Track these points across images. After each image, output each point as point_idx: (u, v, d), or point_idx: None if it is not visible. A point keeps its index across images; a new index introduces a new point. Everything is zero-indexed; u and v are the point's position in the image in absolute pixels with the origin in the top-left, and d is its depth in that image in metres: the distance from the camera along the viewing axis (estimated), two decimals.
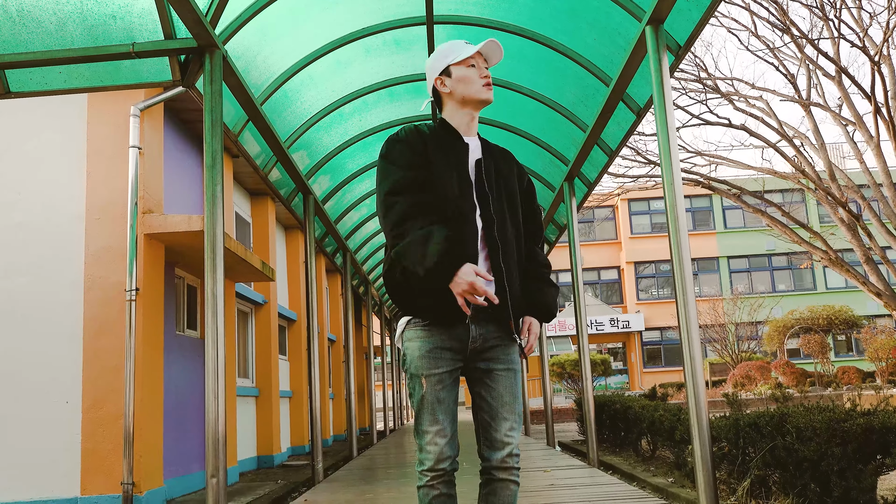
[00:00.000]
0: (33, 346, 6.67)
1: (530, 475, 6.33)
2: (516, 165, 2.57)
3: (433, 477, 2.30)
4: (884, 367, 19.32)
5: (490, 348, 2.37)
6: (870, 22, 14.15)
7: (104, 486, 6.39)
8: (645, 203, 32.72)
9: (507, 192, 2.45)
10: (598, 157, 6.99)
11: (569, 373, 23.24)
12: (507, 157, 2.56)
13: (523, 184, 2.58)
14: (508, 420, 2.33)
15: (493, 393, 2.35)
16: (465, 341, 2.33)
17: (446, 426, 2.31)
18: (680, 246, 4.04)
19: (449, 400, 2.34)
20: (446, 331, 2.32)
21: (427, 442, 2.30)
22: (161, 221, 6.81)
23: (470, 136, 2.49)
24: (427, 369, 2.32)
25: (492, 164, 2.46)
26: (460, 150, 2.42)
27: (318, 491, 6.32)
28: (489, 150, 2.51)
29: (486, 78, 2.47)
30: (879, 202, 14.96)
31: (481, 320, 2.34)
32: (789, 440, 4.31)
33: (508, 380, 2.37)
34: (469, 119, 2.50)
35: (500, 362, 2.37)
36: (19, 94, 4.85)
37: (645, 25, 4.40)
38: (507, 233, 2.38)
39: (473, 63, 2.47)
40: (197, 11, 4.04)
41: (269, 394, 10.66)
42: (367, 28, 5.73)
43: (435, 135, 2.45)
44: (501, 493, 2.33)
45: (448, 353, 2.33)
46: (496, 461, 2.31)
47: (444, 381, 2.33)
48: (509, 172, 2.50)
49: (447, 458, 2.30)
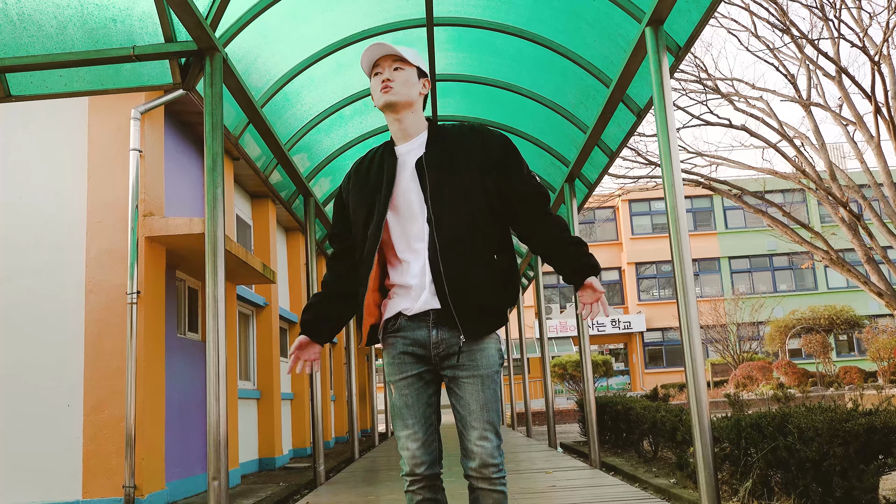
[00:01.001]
0: (35, 350, 6.67)
1: (532, 476, 6.33)
2: (481, 141, 2.38)
3: (412, 482, 2.31)
4: (885, 367, 19.30)
5: (452, 354, 2.30)
6: (869, 22, 14.15)
7: (106, 488, 6.39)
8: (646, 204, 32.71)
9: (454, 183, 2.31)
10: (598, 158, 6.99)
11: (570, 374, 23.23)
12: (467, 137, 2.39)
13: (490, 158, 2.35)
14: (476, 428, 2.25)
15: (460, 401, 2.30)
16: (427, 346, 2.31)
17: (417, 430, 2.30)
18: (681, 246, 4.03)
19: (418, 404, 2.32)
20: (409, 336, 2.32)
21: (400, 447, 2.32)
22: (162, 224, 6.81)
23: (408, 139, 2.41)
24: (392, 375, 2.35)
25: (435, 158, 2.34)
26: (385, 169, 2.38)
27: (320, 493, 6.31)
28: (440, 138, 2.39)
29: (383, 82, 2.36)
30: (880, 202, 14.95)
31: (442, 325, 2.29)
32: (791, 440, 4.30)
33: (474, 387, 2.28)
34: (396, 123, 2.41)
35: (463, 369, 2.29)
36: (20, 97, 4.86)
37: (645, 26, 4.40)
38: (450, 230, 2.27)
39: (379, 70, 2.39)
40: (197, 14, 4.04)
41: (270, 396, 10.65)
42: (367, 30, 5.73)
43: (368, 160, 2.47)
44: (484, 502, 2.29)
45: (410, 358, 2.33)
46: (470, 470, 2.27)
47: (413, 384, 2.32)
48: (462, 156, 2.34)
49: (422, 462, 2.28)
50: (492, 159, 2.35)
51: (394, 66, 2.38)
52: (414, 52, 2.44)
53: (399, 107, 2.37)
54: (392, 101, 2.35)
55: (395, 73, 2.37)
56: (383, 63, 2.38)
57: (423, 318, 2.30)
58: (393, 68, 2.37)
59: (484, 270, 2.28)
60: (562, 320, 29.68)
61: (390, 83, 2.35)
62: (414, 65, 2.40)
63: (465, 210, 2.28)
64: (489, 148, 2.37)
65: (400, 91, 2.35)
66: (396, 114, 2.38)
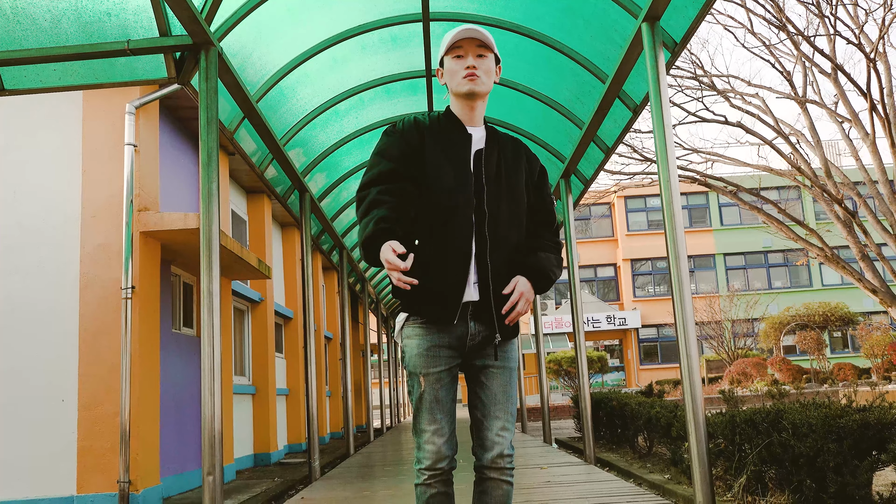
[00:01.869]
0: (29, 345, 6.65)
1: (527, 472, 6.34)
2: (525, 155, 2.48)
3: (431, 476, 2.28)
4: (879, 364, 19.39)
5: (487, 345, 2.34)
6: (865, 19, 14.16)
7: (100, 484, 6.38)
8: (641, 200, 32.73)
9: (508, 185, 2.35)
10: (594, 154, 6.99)
11: (565, 370, 23.25)
12: (517, 147, 2.47)
13: (534, 175, 2.47)
14: (500, 419, 2.29)
15: (486, 391, 2.32)
16: (463, 338, 2.30)
17: (444, 425, 2.28)
18: (676, 243, 4.04)
19: (447, 399, 2.31)
20: (445, 328, 2.29)
21: (425, 441, 2.28)
22: (157, 219, 6.79)
23: (473, 125, 2.40)
24: (425, 368, 2.29)
25: (494, 156, 2.37)
26: (460, 142, 2.36)
27: (314, 489, 6.31)
28: (495, 139, 2.42)
29: (469, 69, 2.32)
30: (875, 199, 14.99)
31: (479, 319, 2.30)
32: (785, 436, 4.31)
33: (503, 378, 2.33)
34: (468, 109, 2.39)
35: (496, 359, 2.33)
36: (14, 91, 4.84)
37: (641, 22, 4.40)
38: (500, 228, 2.30)
39: (461, 53, 2.34)
40: (192, 8, 4.03)
41: (265, 391, 10.65)
42: (363, 25, 5.71)
43: (436, 125, 2.39)
44: (493, 493, 2.30)
45: (446, 351, 2.30)
46: (487, 460, 2.28)
47: (443, 379, 2.30)
48: (515, 164, 2.41)
49: (445, 457, 2.27)
50: (534, 170, 2.48)
51: (478, 53, 2.33)
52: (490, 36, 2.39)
53: (479, 96, 2.36)
54: (477, 90, 2.33)
55: (480, 60, 2.33)
56: (467, 46, 2.33)
57: (463, 309, 2.29)
58: (477, 55, 2.33)
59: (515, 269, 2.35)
60: (557, 316, 29.71)
61: (476, 72, 2.31)
62: (494, 52, 2.37)
63: (514, 212, 2.35)
64: (533, 163, 2.49)
65: (486, 82, 2.35)
66: (473, 101, 2.37)
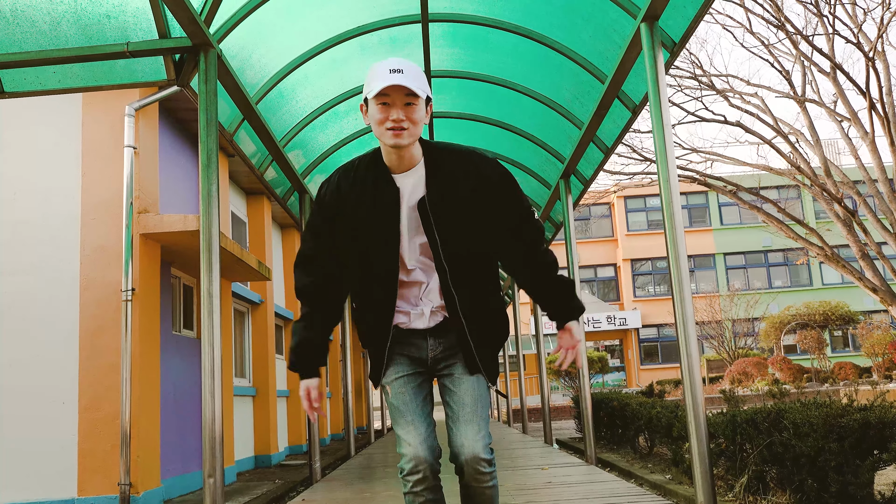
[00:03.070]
0: (29, 347, 6.65)
1: (528, 473, 6.34)
2: (477, 174, 2.27)
3: (415, 482, 2.24)
4: (880, 363, 19.39)
5: (453, 355, 2.33)
6: (864, 18, 14.18)
7: (101, 486, 6.38)
8: (641, 200, 32.71)
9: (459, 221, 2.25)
10: (593, 154, 6.99)
11: (566, 370, 23.26)
12: (464, 164, 2.28)
13: (489, 194, 2.27)
14: (470, 423, 2.24)
15: (454, 397, 2.30)
16: (423, 349, 2.34)
17: (417, 424, 2.26)
18: (676, 243, 4.04)
19: (416, 401, 2.31)
20: (403, 340, 2.35)
21: (401, 444, 2.27)
22: (157, 221, 6.79)
23: (403, 171, 2.25)
24: (387, 377, 2.35)
25: (439, 196, 2.23)
26: (386, 198, 2.25)
27: (315, 490, 6.31)
28: (436, 169, 2.26)
29: (394, 122, 2.14)
30: (875, 198, 14.99)
31: (440, 334, 2.33)
32: (786, 436, 4.31)
33: (470, 383, 2.30)
34: (395, 159, 2.23)
35: (459, 367, 2.32)
36: (14, 94, 4.83)
37: (640, 22, 4.40)
38: (466, 276, 2.28)
39: (387, 101, 2.14)
40: (191, 10, 4.02)
41: (266, 393, 10.65)
42: (362, 26, 5.71)
43: (360, 181, 2.29)
44: (476, 498, 2.29)
45: (405, 359, 2.35)
46: (462, 465, 2.24)
47: (408, 382, 2.33)
48: (469, 193, 2.25)
49: (424, 460, 2.22)
50: (489, 191, 2.28)
51: (406, 102, 2.15)
52: (421, 73, 2.20)
53: (406, 148, 2.21)
54: (403, 144, 2.18)
55: (408, 109, 2.16)
56: (395, 95, 2.14)
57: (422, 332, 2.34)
58: (405, 103, 2.15)
59: (487, 308, 2.35)
60: None
61: (402, 125, 2.15)
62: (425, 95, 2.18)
63: (476, 247, 2.30)
64: (485, 178, 2.28)
65: (414, 132, 2.18)
66: (401, 150, 2.22)
